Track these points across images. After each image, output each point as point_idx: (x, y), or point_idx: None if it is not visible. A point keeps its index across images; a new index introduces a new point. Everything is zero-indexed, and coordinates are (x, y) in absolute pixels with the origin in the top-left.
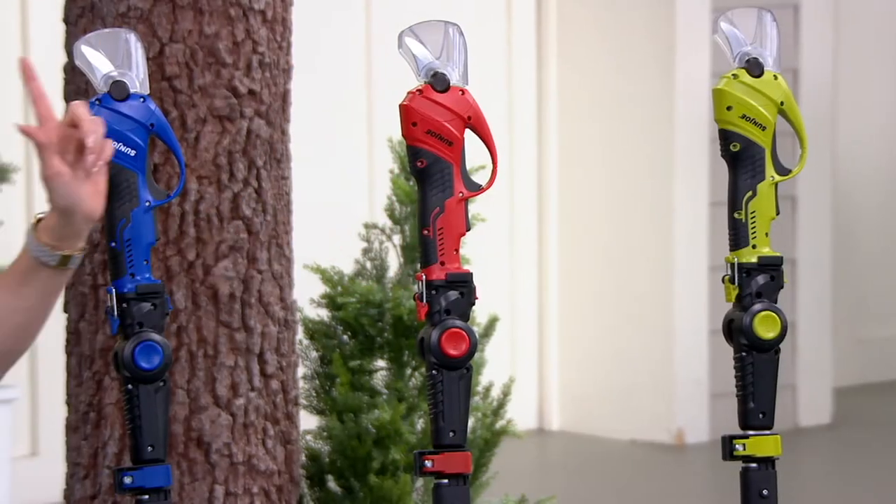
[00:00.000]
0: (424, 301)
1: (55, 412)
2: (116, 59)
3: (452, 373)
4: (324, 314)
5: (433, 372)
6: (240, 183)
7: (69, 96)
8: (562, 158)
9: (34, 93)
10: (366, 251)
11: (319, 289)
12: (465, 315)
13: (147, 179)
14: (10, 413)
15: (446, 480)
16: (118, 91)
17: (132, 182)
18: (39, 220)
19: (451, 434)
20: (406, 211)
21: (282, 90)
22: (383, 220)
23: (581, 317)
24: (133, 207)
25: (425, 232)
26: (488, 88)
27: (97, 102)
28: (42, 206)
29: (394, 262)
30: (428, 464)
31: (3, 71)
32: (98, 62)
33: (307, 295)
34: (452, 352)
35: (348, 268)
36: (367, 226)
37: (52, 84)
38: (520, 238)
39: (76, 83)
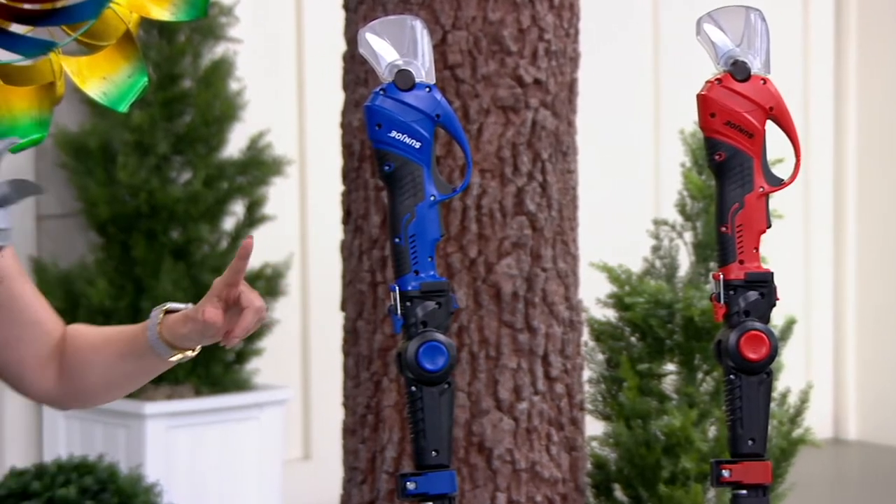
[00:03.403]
0: (722, 302)
1: (329, 414)
2: (402, 47)
3: (751, 378)
4: (610, 315)
5: (731, 377)
6: (524, 177)
7: (348, 86)
8: (861, 151)
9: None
10: (655, 249)
11: (606, 288)
12: (765, 317)
13: (432, 173)
14: (283, 415)
15: (745, 491)
16: (403, 80)
17: (417, 176)
18: (168, 312)
19: (751, 442)
20: (698, 207)
21: (569, 79)
22: (673, 217)
23: (880, 318)
24: (418, 202)
25: (723, 229)
26: (783, 77)
27: (381, 92)
28: (315, 200)
29: (685, 261)
30: (725, 473)
31: (276, 63)
32: (383, 50)
33: (593, 294)
34: (752, 356)
35: (636, 266)
36: (656, 222)
37: (329, 73)
38: (815, 235)
39: (355, 72)
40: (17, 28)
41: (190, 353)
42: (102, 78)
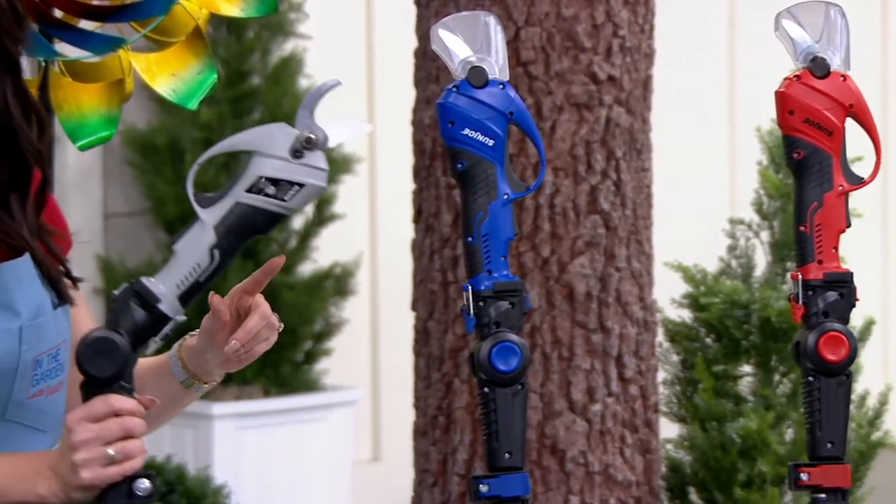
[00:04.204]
0: (800, 302)
1: (398, 415)
2: (475, 43)
3: (831, 379)
4: (685, 315)
5: (809, 378)
6: (598, 175)
7: (419, 83)
8: None
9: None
10: (731, 248)
11: (681, 288)
12: (845, 318)
13: (506, 171)
14: (352, 416)
15: (823, 495)
16: (477, 77)
17: (490, 174)
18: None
19: (830, 445)
20: (775, 206)
21: (643, 76)
22: (749, 216)
23: None
24: (491, 201)
25: (802, 228)
26: (861, 74)
27: (454, 90)
28: (385, 198)
29: (761, 261)
30: (804, 477)
31: (346, 59)
32: (456, 47)
33: (668, 294)
34: (831, 357)
35: (712, 266)
36: (732, 221)
37: (400, 70)
38: (894, 234)
39: (427, 69)
40: (86, 24)
41: (205, 386)
42: (171, 75)
